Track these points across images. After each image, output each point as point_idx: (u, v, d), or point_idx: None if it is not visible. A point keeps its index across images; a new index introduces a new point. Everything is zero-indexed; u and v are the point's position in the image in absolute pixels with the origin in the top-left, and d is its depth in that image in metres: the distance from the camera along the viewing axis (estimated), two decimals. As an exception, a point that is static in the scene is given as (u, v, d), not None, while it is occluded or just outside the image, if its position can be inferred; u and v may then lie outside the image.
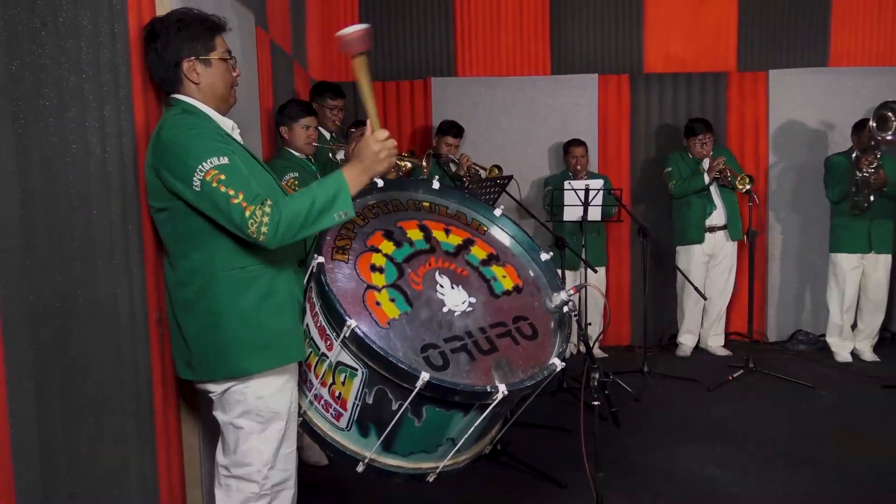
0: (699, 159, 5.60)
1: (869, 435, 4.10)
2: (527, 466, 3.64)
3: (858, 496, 3.35)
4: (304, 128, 3.69)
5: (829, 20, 6.11)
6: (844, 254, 5.46)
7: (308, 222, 2.05)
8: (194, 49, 2.16)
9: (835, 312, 5.61)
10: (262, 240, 2.01)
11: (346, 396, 2.20)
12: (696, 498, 3.39)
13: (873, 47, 6.12)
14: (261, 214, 1.99)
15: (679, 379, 5.17)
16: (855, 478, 3.54)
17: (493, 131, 6.10)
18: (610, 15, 6.16)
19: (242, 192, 2.00)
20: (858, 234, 5.39)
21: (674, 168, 5.69)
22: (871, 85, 5.70)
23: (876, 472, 3.61)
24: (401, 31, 6.17)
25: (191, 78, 2.17)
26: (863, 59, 6.11)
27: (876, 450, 3.89)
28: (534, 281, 2.62)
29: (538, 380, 2.25)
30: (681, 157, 5.72)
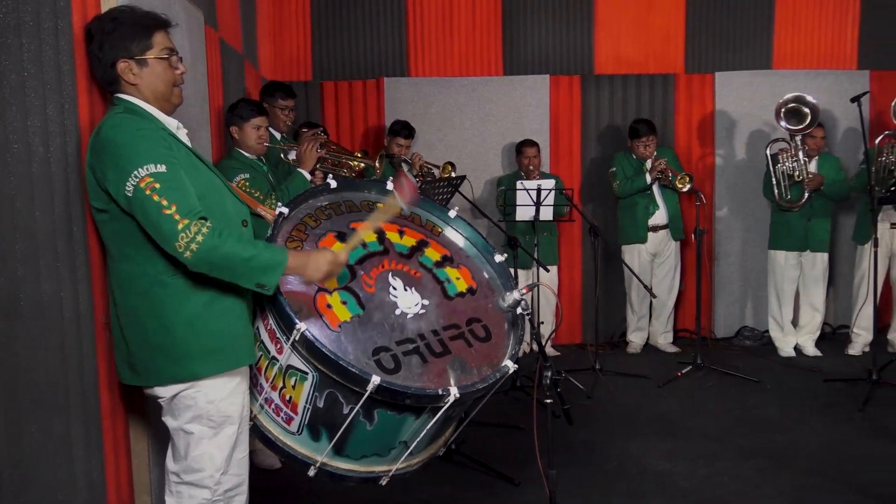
0: (643, 160, 5.70)
1: (811, 426, 4.22)
2: (481, 465, 3.66)
3: (802, 485, 3.46)
4: (255, 128, 3.64)
5: (773, 24, 6.27)
6: (782, 251, 5.63)
7: (238, 268, 2.01)
8: (129, 50, 2.10)
9: (774, 308, 5.79)
10: (186, 256, 1.96)
11: (296, 400, 2.18)
12: (647, 491, 3.45)
13: (815, 50, 6.29)
14: (195, 231, 1.95)
15: (630, 376, 5.25)
16: (799, 467, 3.66)
17: (447, 131, 6.11)
18: (561, 16, 6.22)
19: (177, 203, 1.96)
20: (796, 233, 5.56)
21: (618, 168, 5.78)
22: (813, 87, 5.87)
23: (818, 461, 3.73)
24: (353, 31, 6.13)
25: (127, 79, 2.12)
26: (805, 62, 6.28)
27: (818, 440, 4.02)
28: (488, 283, 2.63)
29: (490, 382, 2.26)
30: (625, 158, 5.82)
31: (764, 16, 6.26)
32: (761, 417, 4.40)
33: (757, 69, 6.24)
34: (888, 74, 6.14)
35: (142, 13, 2.15)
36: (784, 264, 5.65)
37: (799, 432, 4.14)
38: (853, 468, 3.63)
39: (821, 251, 5.64)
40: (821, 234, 5.61)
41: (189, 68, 2.30)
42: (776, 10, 6.25)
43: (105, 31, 2.10)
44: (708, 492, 3.45)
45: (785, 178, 5.47)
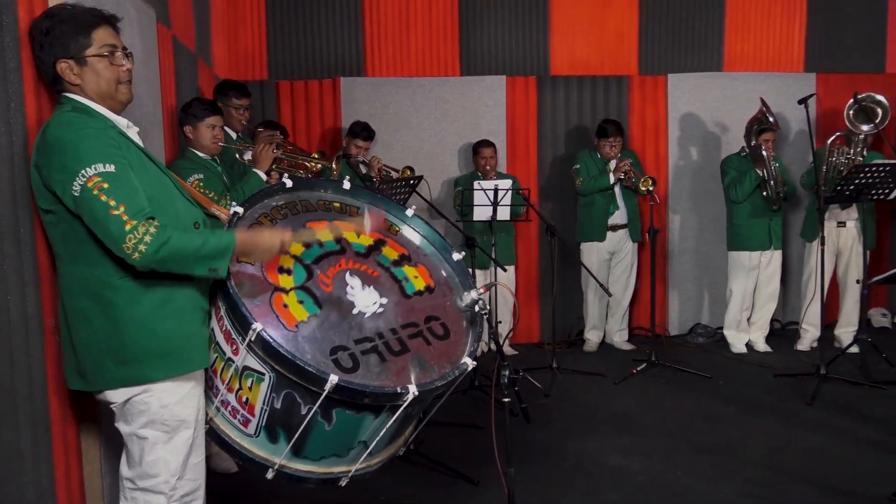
0: (607, 160, 5.77)
1: (762, 420, 4.32)
2: (439, 465, 3.67)
3: (753, 478, 3.54)
4: (210, 127, 3.60)
5: (723, 27, 6.40)
6: (746, 252, 5.73)
7: (188, 261, 2.01)
8: (66, 49, 2.05)
9: (734, 307, 5.89)
10: (135, 257, 1.94)
11: (253, 402, 2.16)
12: (603, 488, 3.50)
13: (763, 53, 6.44)
14: (143, 232, 1.93)
15: (586, 374, 5.31)
16: (750, 461, 3.74)
17: (404, 131, 6.11)
18: (517, 18, 6.26)
19: (125, 204, 1.93)
20: (760, 232, 5.67)
21: (582, 166, 5.84)
22: (763, 89, 6.00)
23: (769, 454, 3.82)
24: (309, 30, 6.08)
25: (68, 79, 2.07)
26: (754, 65, 6.42)
27: (769, 433, 4.12)
28: (446, 281, 2.64)
29: (449, 380, 2.27)
30: (589, 156, 5.88)
31: (715, 19, 6.39)
32: (714, 413, 4.49)
33: (708, 71, 6.36)
34: (834, 77, 6.32)
35: (81, 10, 2.10)
36: (748, 265, 5.75)
37: (750, 426, 4.23)
38: (802, 461, 3.73)
39: (779, 249, 5.78)
40: (779, 233, 5.75)
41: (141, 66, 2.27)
42: (726, 13, 6.38)
43: (42, 30, 2.05)
44: (663, 486, 3.50)
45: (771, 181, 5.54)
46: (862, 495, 3.34)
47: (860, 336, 5.23)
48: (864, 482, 3.47)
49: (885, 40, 6.53)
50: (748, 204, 5.64)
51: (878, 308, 6.59)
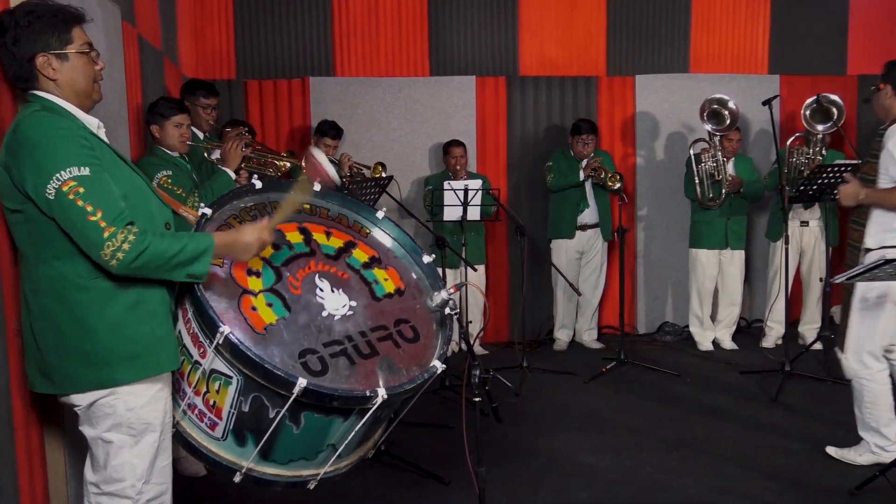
0: (579, 158, 5.81)
1: (729, 416, 4.39)
2: (410, 465, 3.67)
3: (720, 473, 3.60)
4: (177, 126, 3.57)
5: (689, 28, 6.48)
6: (703, 249, 5.83)
7: (167, 266, 1.99)
8: (48, 43, 2.03)
9: (695, 304, 5.99)
10: (112, 264, 1.92)
11: (220, 405, 2.14)
12: (573, 485, 3.53)
13: (729, 55, 6.53)
14: (122, 239, 1.91)
15: (556, 372, 5.35)
16: (717, 456, 3.81)
17: (374, 131, 6.09)
18: (486, 18, 6.27)
19: (102, 209, 1.91)
20: (716, 231, 5.77)
21: (554, 163, 5.89)
22: (728, 90, 6.07)
23: (735, 449, 3.89)
24: (277, 29, 6.04)
25: (46, 74, 2.04)
26: (720, 66, 6.51)
27: (736, 429, 4.19)
28: (416, 283, 2.64)
29: (418, 383, 2.27)
30: (562, 154, 5.93)
31: (681, 21, 6.46)
32: (682, 409, 4.55)
33: (675, 72, 6.43)
34: (797, 79, 6.43)
35: (58, 7, 2.08)
36: (706, 262, 5.85)
37: (717, 423, 4.29)
38: (767, 456, 3.80)
39: (739, 248, 5.87)
40: (739, 232, 5.84)
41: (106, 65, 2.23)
42: (692, 15, 6.46)
43: (21, 24, 2.01)
44: (632, 483, 3.55)
45: (707, 178, 5.66)
46: (825, 489, 3.41)
47: (823, 333, 5.34)
48: (827, 476, 3.55)
49: (845, 43, 6.67)
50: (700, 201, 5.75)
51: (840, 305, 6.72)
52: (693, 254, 5.93)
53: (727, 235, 5.78)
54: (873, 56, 6.67)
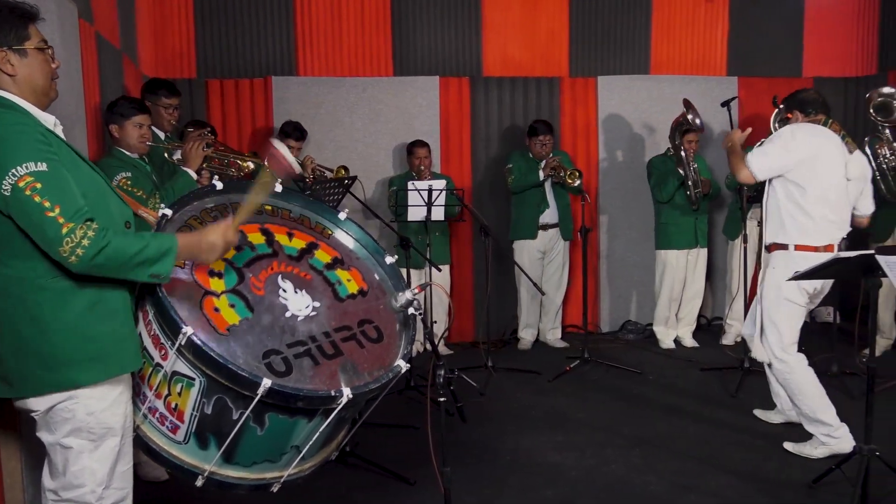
0: (538, 159, 5.85)
1: (690, 413, 4.46)
2: (375, 466, 3.66)
3: (681, 469, 3.65)
4: (137, 126, 3.51)
5: (650, 31, 6.56)
6: (673, 250, 5.90)
7: (128, 264, 1.96)
8: (6, 39, 2.00)
9: (663, 304, 6.05)
10: (72, 261, 1.89)
11: (182, 408, 2.12)
12: (538, 483, 3.55)
13: (688, 57, 6.63)
14: (81, 235, 1.88)
15: (521, 371, 5.38)
16: (678, 452, 3.86)
17: (337, 132, 6.06)
18: (450, 18, 6.28)
19: (60, 205, 1.88)
20: (686, 231, 5.85)
21: (514, 165, 5.92)
22: (688, 92, 6.17)
23: (696, 445, 3.95)
24: (239, 28, 5.97)
25: (5, 70, 2.01)
26: (680, 68, 6.61)
27: (697, 425, 4.25)
28: (379, 284, 2.64)
29: (383, 382, 2.27)
30: (521, 156, 5.96)
31: (641, 23, 6.54)
32: (645, 407, 4.61)
33: (636, 74, 6.51)
34: (754, 81, 6.55)
35: (14, 3, 2.05)
36: (676, 264, 5.91)
37: (678, 419, 4.36)
38: (727, 451, 3.87)
39: (705, 247, 5.98)
40: (705, 231, 5.95)
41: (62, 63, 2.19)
42: (653, 18, 6.55)
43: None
44: (596, 480, 3.58)
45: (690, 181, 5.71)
46: (784, 483, 3.49)
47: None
48: (786, 470, 3.62)
49: (801, 46, 6.81)
50: (674, 204, 5.80)
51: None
52: (662, 255, 5.97)
53: (696, 234, 5.87)
54: (828, 59, 6.86)
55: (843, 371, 4.96)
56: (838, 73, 6.83)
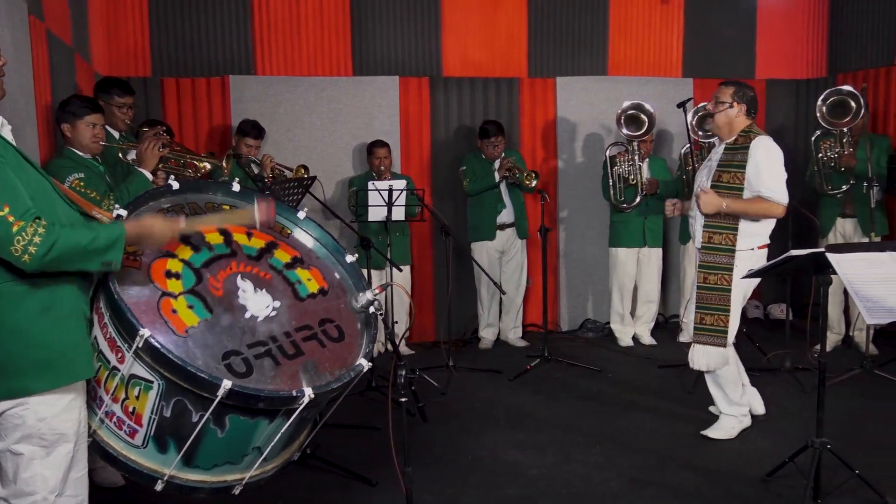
0: (491, 160, 5.88)
1: (649, 409, 4.52)
2: (337, 467, 3.64)
3: (640, 465, 3.71)
4: (90, 125, 3.45)
5: (607, 32, 6.64)
6: (622, 248, 5.99)
7: (81, 256, 1.96)
8: None
9: (615, 301, 6.15)
10: (24, 260, 1.86)
11: (140, 411, 2.09)
12: (500, 482, 3.57)
13: (645, 59, 6.73)
14: (31, 233, 1.85)
15: (482, 371, 5.40)
16: (637, 448, 3.92)
17: (296, 131, 6.01)
18: (409, 18, 6.28)
19: (9, 204, 1.85)
20: (635, 231, 5.95)
21: (468, 167, 5.94)
22: (645, 93, 6.27)
23: (654, 441, 4.01)
24: (195, 26, 5.88)
25: None
26: (636, 70, 6.70)
27: (655, 421, 4.32)
28: (339, 283, 2.63)
29: (345, 381, 2.26)
30: (475, 157, 5.99)
31: (599, 25, 6.62)
32: (604, 404, 4.67)
33: (594, 75, 6.58)
34: (709, 82, 6.66)
35: None
36: (625, 261, 6.01)
37: (637, 416, 4.42)
38: (684, 446, 3.94)
39: (656, 247, 6.07)
40: (656, 231, 6.03)
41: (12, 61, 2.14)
42: (610, 19, 6.63)
43: None
44: (557, 478, 3.61)
45: (620, 181, 5.83)
46: (739, 477, 3.56)
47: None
48: (741, 464, 3.70)
49: (754, 49, 6.97)
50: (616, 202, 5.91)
51: (751, 300, 7.01)
52: (613, 252, 6.08)
53: (645, 235, 5.96)
54: (779, 62, 7.03)
55: (795, 367, 5.08)
56: (789, 76, 7.01)
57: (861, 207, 5.27)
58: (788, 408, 4.50)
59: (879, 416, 4.30)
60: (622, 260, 6.02)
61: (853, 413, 4.35)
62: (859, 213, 5.34)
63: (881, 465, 3.53)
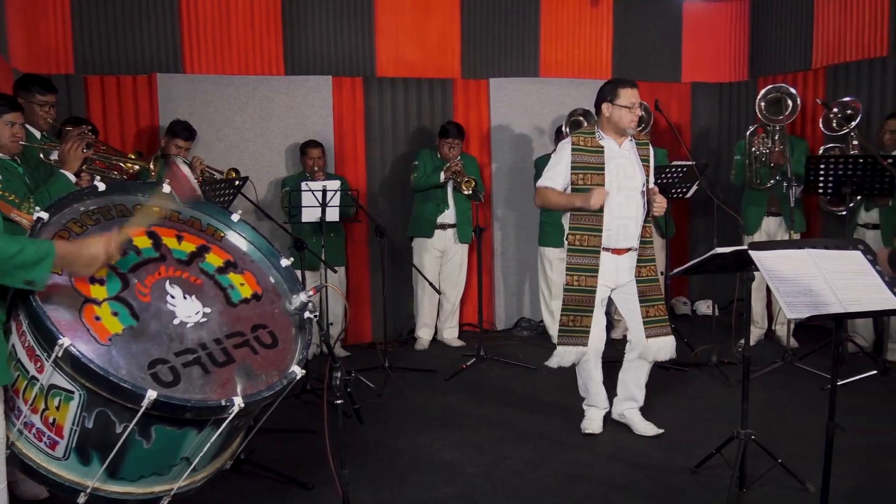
0: (445, 160, 5.89)
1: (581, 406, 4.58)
2: (272, 472, 3.59)
3: (574, 460, 3.77)
4: (8, 125, 3.30)
5: (539, 34, 6.73)
6: (550, 248, 6.08)
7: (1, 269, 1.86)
8: None
9: (546, 299, 6.24)
10: None
11: (61, 422, 2.01)
12: (437, 481, 3.58)
13: (576, 61, 6.84)
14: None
15: (418, 371, 5.41)
16: (572, 445, 3.98)
17: (227, 131, 5.89)
18: (342, 18, 6.22)
19: None
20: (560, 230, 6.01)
21: (420, 162, 5.95)
22: (576, 94, 6.37)
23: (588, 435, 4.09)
24: (120, 22, 5.70)
25: None
26: (568, 72, 6.81)
27: (587, 420, 4.39)
28: (274, 287, 2.58)
29: (277, 390, 2.23)
30: (430, 154, 6.00)
31: (531, 27, 6.70)
32: (538, 401, 4.73)
33: (526, 76, 6.66)
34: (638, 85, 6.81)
35: None
36: (553, 259, 6.09)
37: (570, 412, 4.46)
38: (616, 440, 4.02)
39: None
40: None
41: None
42: (541, 22, 6.72)
43: None
44: (493, 475, 3.64)
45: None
46: (670, 469, 3.65)
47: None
48: (671, 457, 3.80)
49: (680, 53, 7.17)
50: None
51: (679, 297, 7.21)
52: (542, 251, 6.16)
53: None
54: (704, 65, 7.25)
55: (721, 360, 5.24)
56: (714, 79, 7.23)
57: (785, 206, 5.49)
58: (715, 400, 4.64)
59: (800, 407, 4.48)
60: (549, 258, 6.11)
61: (775, 404, 4.52)
62: (784, 211, 5.55)
63: (802, 454, 3.67)
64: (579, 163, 3.93)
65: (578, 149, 3.96)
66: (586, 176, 3.92)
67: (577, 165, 3.94)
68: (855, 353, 5.33)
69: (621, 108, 3.89)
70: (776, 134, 5.58)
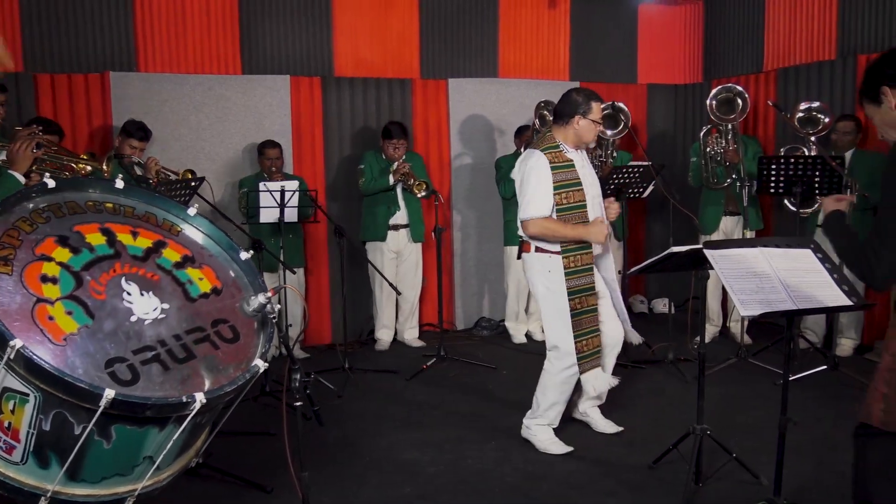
0: (391, 161, 5.87)
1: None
2: (230, 476, 3.54)
3: (535, 459, 3.81)
4: (-46, 123, 3.20)
5: (498, 36, 6.77)
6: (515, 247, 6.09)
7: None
8: None
9: (511, 299, 6.28)
10: None
11: (17, 426, 1.96)
12: (398, 481, 3.57)
13: (534, 62, 6.90)
14: None
15: (378, 372, 5.39)
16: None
17: (183, 131, 5.80)
18: (300, 17, 6.17)
19: None
20: None
21: (366, 166, 5.91)
22: (534, 95, 6.41)
23: (548, 437, 4.11)
24: (71, 18, 5.56)
25: None
26: (526, 72, 6.86)
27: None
28: (234, 281, 2.54)
29: (240, 384, 2.20)
30: (374, 157, 5.96)
31: (489, 28, 6.74)
32: (499, 400, 4.75)
33: (485, 77, 6.69)
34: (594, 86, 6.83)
35: None
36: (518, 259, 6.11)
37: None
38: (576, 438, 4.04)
39: None
40: None
41: None
42: (500, 23, 6.76)
43: None
44: (454, 474, 3.65)
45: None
46: (628, 466, 3.70)
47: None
48: (629, 454, 3.85)
49: (636, 55, 7.29)
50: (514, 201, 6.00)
51: (636, 295, 7.32)
52: (507, 251, 6.18)
53: None
54: (660, 67, 7.37)
55: (677, 358, 5.33)
56: (669, 81, 7.36)
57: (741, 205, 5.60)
58: (672, 397, 4.72)
59: (754, 402, 4.57)
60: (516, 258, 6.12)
61: (730, 400, 4.61)
62: (742, 210, 5.67)
63: (756, 448, 3.75)
64: (559, 181, 3.81)
65: (555, 167, 3.82)
66: (569, 195, 3.82)
67: (558, 185, 3.80)
68: (806, 349, 5.47)
69: (591, 122, 3.87)
70: (729, 133, 5.70)
